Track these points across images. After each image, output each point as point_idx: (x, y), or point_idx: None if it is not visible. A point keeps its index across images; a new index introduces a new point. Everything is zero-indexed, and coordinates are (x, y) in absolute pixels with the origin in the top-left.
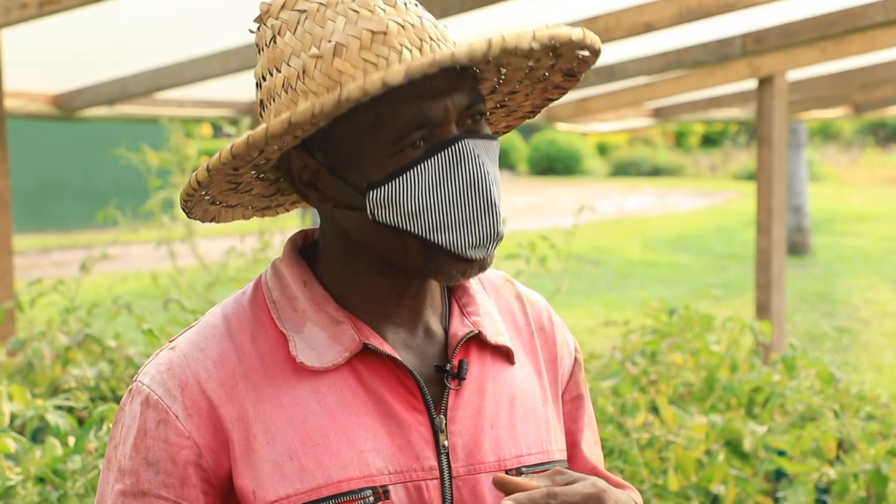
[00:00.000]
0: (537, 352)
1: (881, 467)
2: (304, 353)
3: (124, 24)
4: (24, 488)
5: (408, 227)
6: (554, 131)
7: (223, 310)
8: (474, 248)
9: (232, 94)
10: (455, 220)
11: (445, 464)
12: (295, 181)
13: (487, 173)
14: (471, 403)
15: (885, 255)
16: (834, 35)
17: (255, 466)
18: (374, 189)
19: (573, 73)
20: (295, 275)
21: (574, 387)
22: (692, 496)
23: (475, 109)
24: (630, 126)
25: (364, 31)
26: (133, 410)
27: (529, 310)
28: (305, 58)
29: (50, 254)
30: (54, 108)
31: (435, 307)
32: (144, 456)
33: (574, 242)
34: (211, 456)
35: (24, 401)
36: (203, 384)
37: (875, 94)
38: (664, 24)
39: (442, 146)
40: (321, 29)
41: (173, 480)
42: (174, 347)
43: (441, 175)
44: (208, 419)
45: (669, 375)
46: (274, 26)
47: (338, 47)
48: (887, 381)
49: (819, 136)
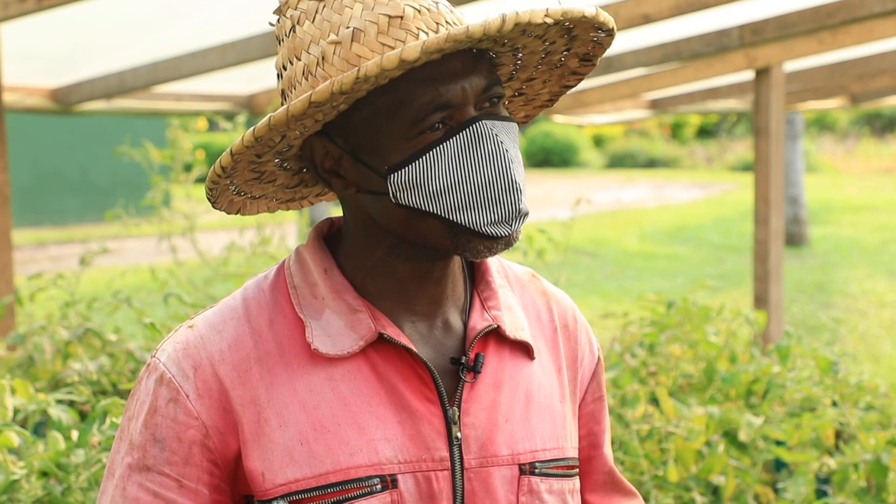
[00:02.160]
0: (559, 348)
1: (881, 457)
2: (319, 340)
3: (122, 17)
4: (28, 482)
5: (430, 209)
6: (550, 123)
7: (244, 293)
8: (497, 226)
9: (230, 87)
10: (477, 199)
11: (458, 455)
12: (317, 168)
13: (507, 151)
14: (486, 397)
15: (881, 245)
16: (831, 26)
17: (265, 449)
18: (395, 172)
19: (589, 57)
20: (317, 261)
21: (596, 388)
22: (692, 487)
23: (493, 92)
24: (627, 118)
25: (381, 17)
26: (148, 386)
27: (554, 306)
28: (324, 45)
29: (46, 248)
30: (52, 102)
31: (457, 300)
32: (152, 432)
33: (571, 235)
34: (218, 437)
35: (27, 395)
36: (216, 366)
37: (872, 84)
38: (662, 16)
39: (461, 127)
40: (339, 16)
41: (177, 458)
42: (192, 326)
43: (461, 155)
44: (218, 401)
45: (668, 367)
46: (293, 16)
47: (356, 33)
48: (885, 371)
49: (815, 127)
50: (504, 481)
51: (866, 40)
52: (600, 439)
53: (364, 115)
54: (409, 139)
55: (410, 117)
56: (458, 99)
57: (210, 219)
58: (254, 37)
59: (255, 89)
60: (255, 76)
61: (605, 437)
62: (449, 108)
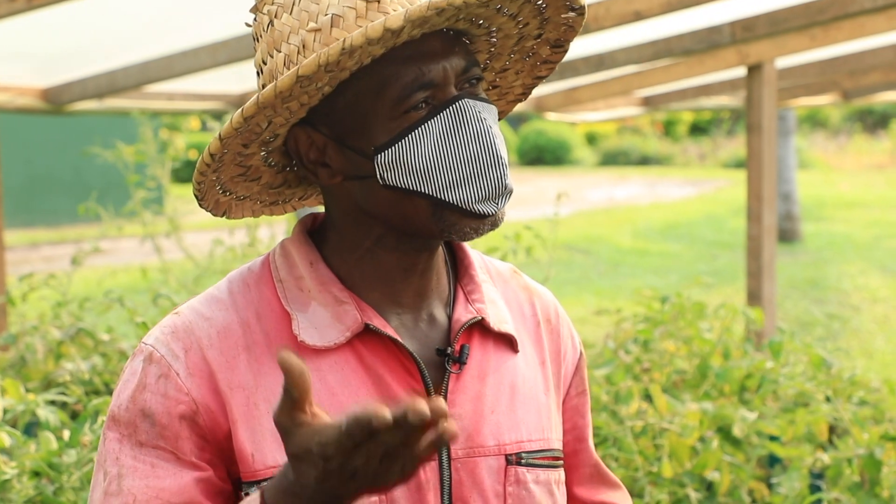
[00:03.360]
0: (542, 342)
1: (875, 452)
2: (306, 332)
3: (113, 17)
4: (20, 482)
5: (417, 188)
6: (542, 121)
7: (229, 285)
8: (484, 203)
9: (221, 86)
10: (463, 176)
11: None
12: (303, 159)
13: (490, 128)
14: (471, 388)
15: (874, 241)
16: (823, 22)
17: (255, 432)
18: (381, 152)
19: (560, 43)
20: (302, 255)
21: (580, 382)
22: (687, 483)
23: (472, 73)
24: (619, 115)
25: (359, 2)
26: (134, 366)
27: (537, 301)
28: (304, 33)
29: (39, 249)
30: (43, 103)
31: (441, 293)
32: (141, 407)
33: (563, 232)
34: (208, 415)
35: (17, 395)
36: (205, 350)
37: (863, 80)
38: (653, 13)
39: (444, 105)
40: (317, 6)
41: (168, 434)
42: (179, 314)
43: (446, 133)
44: (208, 382)
45: (662, 363)
46: (270, 11)
47: (334, 18)
48: (878, 367)
49: (807, 124)
50: (491, 471)
51: (858, 36)
52: (585, 433)
53: (348, 98)
54: (394, 118)
55: (395, 96)
56: (440, 78)
57: (199, 218)
58: (245, 35)
59: (246, 88)
60: (247, 75)
61: (589, 431)
62: (432, 87)
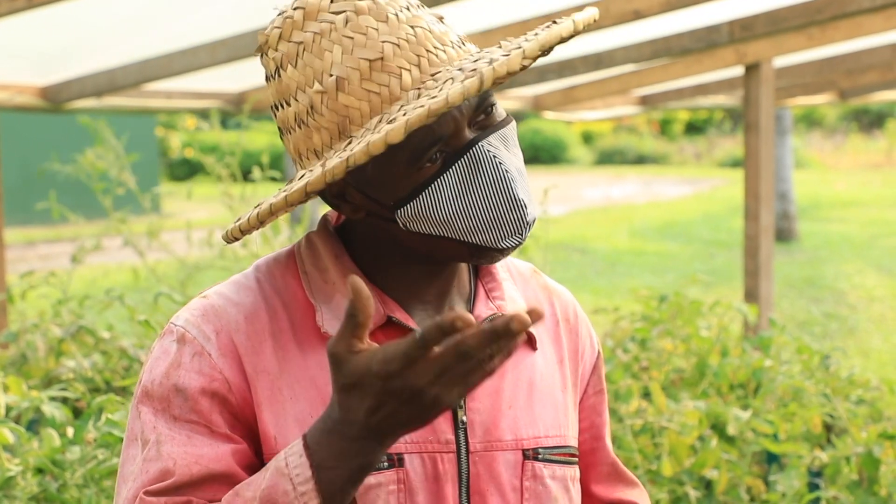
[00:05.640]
0: (561, 341)
1: (873, 450)
2: (329, 324)
3: (112, 15)
4: (24, 479)
5: (440, 233)
6: (539, 120)
7: (255, 273)
8: (507, 239)
9: (220, 85)
10: (483, 221)
11: (463, 439)
12: (325, 193)
13: (507, 171)
14: (490, 383)
15: (870, 240)
16: (820, 21)
17: (278, 416)
18: (401, 207)
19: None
20: (328, 248)
21: (597, 381)
22: (685, 481)
23: (485, 105)
24: (617, 114)
25: (361, 62)
26: (165, 345)
27: (556, 301)
28: (311, 93)
29: (36, 247)
30: (42, 101)
31: (461, 291)
32: (174, 383)
33: (560, 231)
34: (239, 394)
35: (20, 392)
36: (232, 334)
37: (861, 80)
38: (652, 12)
39: (458, 154)
40: (320, 62)
41: (201, 408)
42: (207, 297)
43: (463, 183)
44: (237, 363)
45: (661, 362)
46: (276, 58)
47: (339, 81)
48: (875, 366)
49: (803, 123)
50: (508, 466)
51: (855, 36)
52: (602, 431)
53: None
54: (409, 175)
55: (407, 156)
56: (450, 130)
57: (197, 217)
58: (244, 34)
59: (245, 87)
60: (246, 74)
61: (606, 430)
62: (443, 139)
